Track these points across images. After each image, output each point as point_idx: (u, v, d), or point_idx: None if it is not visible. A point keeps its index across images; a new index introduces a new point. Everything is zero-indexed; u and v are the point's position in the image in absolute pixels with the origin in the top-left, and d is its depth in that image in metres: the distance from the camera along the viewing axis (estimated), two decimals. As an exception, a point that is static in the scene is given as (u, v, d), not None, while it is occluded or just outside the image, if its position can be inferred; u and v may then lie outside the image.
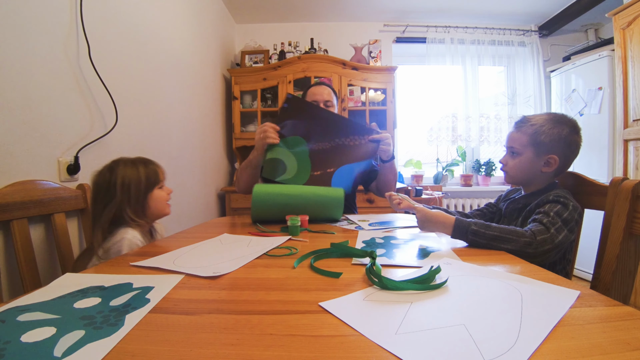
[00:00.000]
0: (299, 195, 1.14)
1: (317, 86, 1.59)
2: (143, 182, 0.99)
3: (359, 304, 0.49)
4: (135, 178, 0.98)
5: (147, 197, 1.00)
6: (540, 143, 0.95)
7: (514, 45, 3.16)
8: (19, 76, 0.97)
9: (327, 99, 1.55)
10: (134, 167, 0.99)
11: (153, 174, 1.02)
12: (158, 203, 1.03)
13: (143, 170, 1.00)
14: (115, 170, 0.97)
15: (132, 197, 0.96)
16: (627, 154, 2.20)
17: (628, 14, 2.12)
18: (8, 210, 0.88)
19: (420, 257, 0.74)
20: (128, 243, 0.91)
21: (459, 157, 3.30)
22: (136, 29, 1.55)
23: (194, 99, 2.23)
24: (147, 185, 1.00)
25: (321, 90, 1.56)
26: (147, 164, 1.03)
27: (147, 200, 1.00)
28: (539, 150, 0.96)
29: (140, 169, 1.00)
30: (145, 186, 1.00)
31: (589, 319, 0.43)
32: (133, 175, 0.98)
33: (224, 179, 2.88)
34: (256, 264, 0.70)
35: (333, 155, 1.23)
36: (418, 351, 0.36)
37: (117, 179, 0.96)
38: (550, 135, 0.94)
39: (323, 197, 1.15)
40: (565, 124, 0.95)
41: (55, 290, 0.54)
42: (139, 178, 0.99)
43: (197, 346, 0.37)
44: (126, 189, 0.96)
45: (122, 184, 0.96)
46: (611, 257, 0.79)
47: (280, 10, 2.99)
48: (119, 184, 0.95)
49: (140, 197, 0.98)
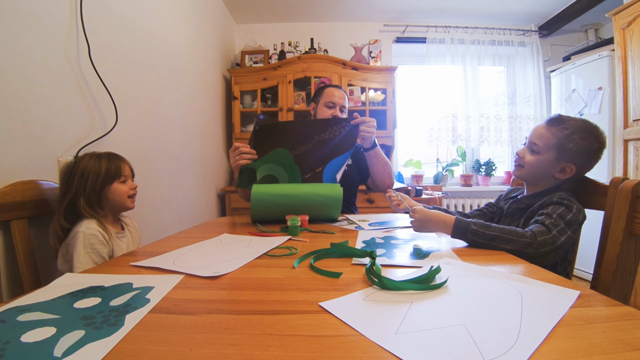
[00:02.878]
0: (297, 195, 1.14)
1: (337, 89, 1.59)
2: (102, 174, 1.00)
3: (359, 304, 0.49)
4: (95, 170, 0.99)
5: (103, 189, 1.00)
6: (565, 150, 0.92)
7: (514, 45, 3.16)
8: (19, 76, 0.97)
9: (343, 104, 1.56)
10: (97, 160, 1.01)
11: (115, 167, 1.03)
12: (117, 196, 1.03)
13: (105, 163, 1.01)
14: (78, 162, 0.99)
15: (87, 188, 0.97)
16: (627, 154, 2.20)
17: (628, 14, 2.12)
18: (8, 210, 0.88)
19: (420, 257, 0.74)
20: (82, 236, 0.91)
21: (459, 157, 3.30)
22: (136, 29, 1.55)
23: (194, 99, 2.23)
24: (106, 177, 1.01)
25: (340, 93, 1.57)
26: (112, 158, 1.04)
27: (104, 192, 1.01)
28: (561, 156, 0.93)
29: (103, 162, 1.01)
30: (104, 178, 1.00)
31: (589, 319, 0.43)
32: (93, 167, 0.99)
33: (224, 179, 2.88)
34: (256, 264, 0.70)
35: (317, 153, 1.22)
36: (418, 351, 0.36)
37: (78, 169, 0.97)
38: (578, 146, 0.90)
39: (322, 196, 1.15)
40: (596, 138, 0.91)
41: (55, 290, 0.54)
42: (99, 170, 1.00)
43: (197, 346, 0.37)
44: (84, 180, 0.97)
45: (80, 175, 0.97)
46: (611, 257, 0.79)
47: (280, 10, 2.99)
48: (78, 174, 0.97)
49: (96, 189, 0.99)
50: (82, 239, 0.90)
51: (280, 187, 1.16)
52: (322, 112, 1.57)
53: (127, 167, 1.08)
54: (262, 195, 1.12)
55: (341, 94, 1.57)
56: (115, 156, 1.06)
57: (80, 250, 0.89)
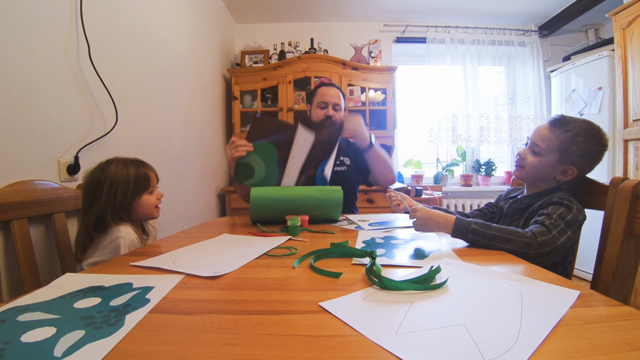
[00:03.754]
0: (297, 198, 1.14)
1: (329, 87, 1.57)
2: (131, 186, 0.97)
3: (359, 304, 0.49)
4: (124, 182, 0.96)
5: (133, 202, 0.98)
6: (568, 152, 0.91)
7: (514, 45, 3.16)
8: (19, 76, 0.97)
9: (337, 102, 1.53)
10: (125, 170, 0.97)
11: (143, 179, 1.00)
12: (145, 208, 1.01)
13: (134, 173, 0.98)
14: (105, 170, 0.95)
15: (117, 201, 0.94)
16: (627, 154, 2.20)
17: (628, 14, 2.12)
18: (8, 210, 0.88)
19: (420, 257, 0.74)
20: (123, 242, 0.90)
21: (459, 157, 3.30)
22: (136, 29, 1.55)
23: (194, 99, 2.23)
24: (135, 190, 0.98)
25: (332, 92, 1.54)
26: (139, 167, 1.01)
27: (133, 205, 0.98)
28: (563, 159, 0.92)
29: (131, 172, 0.98)
30: (133, 191, 0.97)
31: (589, 319, 0.43)
32: (122, 179, 0.96)
33: (224, 179, 2.88)
34: (256, 264, 0.70)
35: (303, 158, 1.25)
36: (418, 351, 0.36)
37: (106, 180, 0.94)
38: (581, 148, 0.90)
39: (321, 199, 1.15)
40: (599, 140, 0.90)
41: (55, 290, 0.54)
42: (128, 182, 0.96)
43: (197, 346, 0.37)
44: (113, 192, 0.94)
45: (109, 187, 0.94)
46: (611, 257, 0.79)
47: (280, 10, 2.99)
48: (106, 186, 0.94)
49: (125, 202, 0.96)
50: (123, 245, 0.89)
51: (280, 190, 1.16)
52: (315, 113, 1.56)
53: (154, 176, 1.05)
54: (262, 199, 1.11)
55: (333, 92, 1.55)
56: (142, 164, 1.03)
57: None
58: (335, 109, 1.53)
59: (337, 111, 1.54)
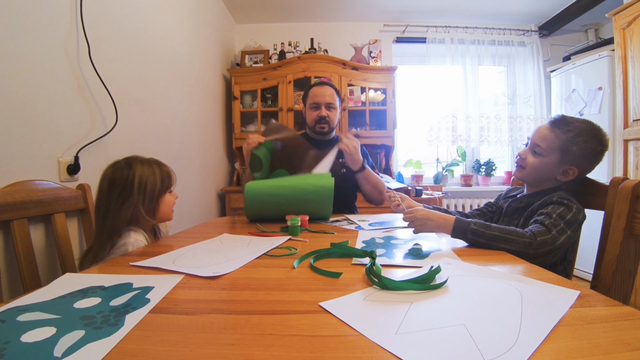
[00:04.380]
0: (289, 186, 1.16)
1: (320, 87, 1.54)
2: (158, 183, 0.98)
3: (359, 304, 0.49)
4: (152, 179, 0.97)
5: (159, 199, 0.99)
6: (569, 152, 0.91)
7: (514, 45, 3.16)
8: (19, 76, 0.97)
9: (329, 101, 1.50)
10: (150, 167, 0.98)
11: (167, 177, 1.02)
12: (167, 207, 1.02)
13: (158, 171, 0.99)
14: (132, 168, 0.95)
15: (146, 198, 0.95)
16: (627, 154, 2.20)
17: (628, 14, 2.12)
18: (8, 210, 0.88)
19: (420, 257, 0.74)
20: (132, 247, 0.89)
21: (459, 157, 3.30)
22: (136, 29, 1.55)
23: (194, 99, 2.23)
24: (162, 187, 0.99)
25: (323, 91, 1.51)
26: (161, 166, 1.02)
27: (159, 203, 0.99)
28: (564, 159, 0.92)
29: (155, 170, 0.99)
30: (160, 188, 0.98)
31: (589, 319, 0.43)
32: (150, 176, 0.97)
33: (224, 179, 2.88)
34: (256, 264, 0.70)
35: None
36: (418, 351, 0.36)
37: (135, 177, 0.94)
38: (582, 149, 0.89)
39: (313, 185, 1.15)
40: (599, 140, 0.90)
41: (55, 290, 0.54)
42: (155, 179, 0.97)
43: (197, 346, 0.37)
44: (142, 189, 0.94)
45: (139, 183, 0.94)
46: (611, 257, 0.79)
47: (280, 10, 2.99)
48: (136, 182, 0.94)
49: (154, 199, 0.97)
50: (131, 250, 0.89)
51: (273, 181, 1.19)
52: (309, 114, 1.55)
53: (174, 176, 1.06)
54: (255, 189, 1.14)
55: (325, 91, 1.51)
56: (162, 164, 1.04)
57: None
58: (329, 108, 1.51)
59: (331, 110, 1.52)
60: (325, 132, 1.55)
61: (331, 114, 1.52)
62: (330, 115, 1.52)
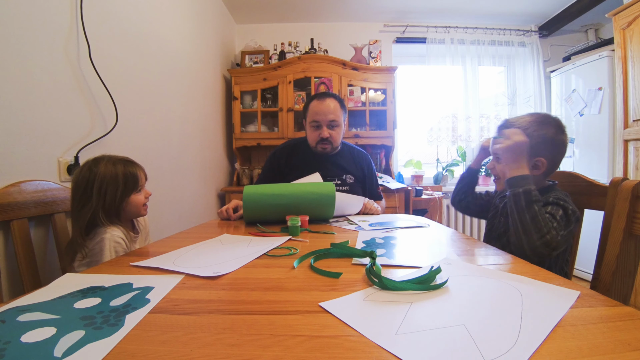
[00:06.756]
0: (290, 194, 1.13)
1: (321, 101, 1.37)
2: (120, 187, 0.97)
3: (359, 304, 0.49)
4: (113, 182, 0.96)
5: (122, 202, 0.98)
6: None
7: (514, 46, 3.16)
8: (19, 76, 0.97)
9: (332, 118, 1.36)
10: (114, 169, 0.97)
11: (132, 179, 1.00)
12: (133, 207, 1.01)
13: (122, 173, 0.98)
14: (94, 170, 0.95)
15: (107, 202, 0.95)
16: (627, 154, 2.20)
17: (628, 14, 2.12)
18: (8, 210, 0.88)
19: (420, 257, 0.73)
20: (108, 243, 0.90)
21: (459, 157, 3.30)
22: (136, 29, 1.55)
23: (194, 99, 2.23)
24: (125, 190, 0.98)
25: (324, 108, 1.35)
26: (127, 166, 1.00)
27: (123, 205, 0.99)
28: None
29: (119, 171, 0.97)
30: (122, 191, 0.97)
31: (589, 319, 0.43)
32: (111, 179, 0.95)
33: (224, 179, 2.88)
34: (256, 264, 0.70)
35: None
36: (418, 351, 0.36)
37: (95, 181, 0.94)
38: (535, 138, 0.91)
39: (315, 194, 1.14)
40: (549, 124, 0.93)
41: (55, 290, 0.54)
42: (117, 182, 0.96)
43: (197, 346, 0.37)
44: (102, 193, 0.94)
45: (99, 188, 0.94)
46: (611, 258, 0.79)
47: (280, 10, 2.99)
48: (95, 187, 0.93)
49: (115, 202, 0.96)
50: (108, 246, 0.90)
51: (272, 188, 1.15)
52: (309, 133, 1.43)
53: (143, 175, 1.05)
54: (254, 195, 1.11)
55: (327, 108, 1.36)
56: (130, 163, 1.03)
57: (107, 257, 0.89)
58: (331, 127, 1.37)
59: (334, 128, 1.38)
60: (328, 152, 1.46)
61: (334, 133, 1.40)
62: (333, 135, 1.40)
